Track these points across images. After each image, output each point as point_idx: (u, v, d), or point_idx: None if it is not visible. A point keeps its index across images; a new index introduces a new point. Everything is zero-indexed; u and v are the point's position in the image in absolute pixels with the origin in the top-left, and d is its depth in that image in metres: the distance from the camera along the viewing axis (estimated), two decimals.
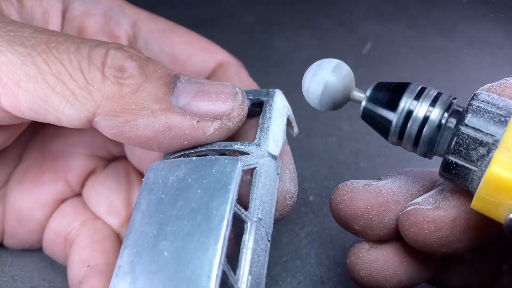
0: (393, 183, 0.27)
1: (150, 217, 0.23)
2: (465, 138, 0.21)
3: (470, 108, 0.22)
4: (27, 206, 0.31)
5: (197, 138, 0.25)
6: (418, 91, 0.23)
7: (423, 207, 0.24)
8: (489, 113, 0.21)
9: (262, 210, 0.24)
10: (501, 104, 0.22)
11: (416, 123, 0.22)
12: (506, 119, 0.21)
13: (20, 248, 0.34)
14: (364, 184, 0.27)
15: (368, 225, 0.26)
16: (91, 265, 0.28)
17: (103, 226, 0.31)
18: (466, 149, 0.21)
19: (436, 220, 0.24)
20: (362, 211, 0.26)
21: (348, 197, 0.26)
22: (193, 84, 0.26)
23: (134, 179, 0.33)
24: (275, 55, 0.57)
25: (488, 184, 0.20)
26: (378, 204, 0.26)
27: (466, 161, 0.21)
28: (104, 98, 0.23)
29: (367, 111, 0.24)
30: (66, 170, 0.32)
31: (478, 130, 0.21)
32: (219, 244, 0.21)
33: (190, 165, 0.24)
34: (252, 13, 0.64)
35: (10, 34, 0.24)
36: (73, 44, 0.24)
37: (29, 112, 0.24)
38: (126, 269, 0.22)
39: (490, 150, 0.21)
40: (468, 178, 0.21)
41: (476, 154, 0.21)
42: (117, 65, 0.24)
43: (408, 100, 0.23)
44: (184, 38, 0.32)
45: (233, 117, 0.25)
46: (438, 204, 0.24)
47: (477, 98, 0.22)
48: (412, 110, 0.22)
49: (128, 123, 0.24)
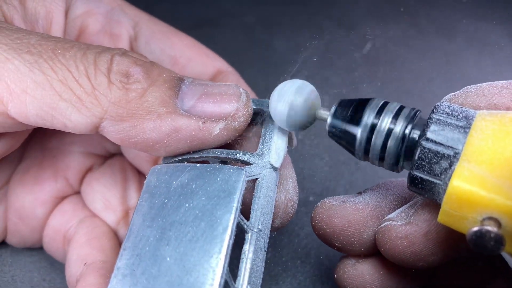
0: (371, 197, 0.27)
1: (152, 220, 0.23)
2: (427, 152, 0.21)
3: (430, 121, 0.21)
4: (28, 204, 0.31)
5: (204, 139, 0.25)
6: (380, 105, 0.23)
7: (395, 223, 0.24)
8: (449, 125, 0.21)
9: (262, 221, 0.24)
10: (461, 115, 0.21)
11: (380, 136, 0.22)
12: (465, 130, 0.21)
13: (22, 247, 0.34)
14: (342, 201, 0.27)
15: (347, 242, 0.26)
16: (88, 263, 0.28)
17: (101, 224, 0.32)
18: (429, 163, 0.21)
19: (408, 235, 0.24)
20: (340, 228, 0.26)
21: (326, 215, 0.27)
22: (197, 86, 0.26)
23: (130, 176, 0.33)
24: (275, 55, 0.57)
25: (451, 198, 0.20)
26: (355, 221, 0.26)
27: (430, 175, 0.21)
28: (110, 104, 0.24)
29: (333, 128, 0.24)
30: (65, 168, 0.32)
31: (439, 144, 0.21)
32: (223, 253, 0.21)
33: (195, 172, 0.24)
34: (252, 13, 0.64)
35: (17, 41, 0.24)
36: (79, 51, 0.24)
37: (36, 119, 0.24)
38: (126, 271, 0.22)
39: (452, 163, 0.21)
40: (434, 191, 0.21)
41: (439, 168, 0.21)
42: (123, 71, 0.24)
43: (371, 114, 0.23)
44: (185, 42, 0.33)
45: (238, 117, 0.25)
46: (409, 219, 0.24)
47: (437, 111, 0.22)
48: (375, 124, 0.22)
49: (135, 128, 0.24)
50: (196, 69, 0.32)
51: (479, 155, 0.20)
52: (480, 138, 0.20)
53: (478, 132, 0.20)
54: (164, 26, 0.33)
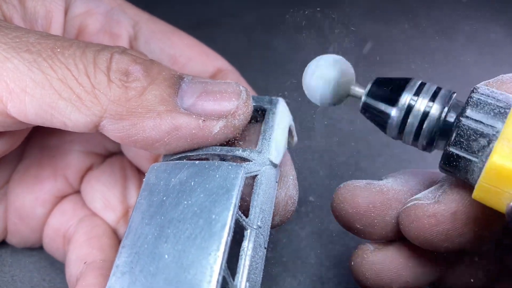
0: (394, 182, 0.27)
1: (151, 218, 0.23)
2: (466, 129, 0.21)
3: (470, 101, 0.22)
4: (28, 204, 0.31)
5: (204, 137, 0.25)
6: (418, 87, 0.23)
7: (423, 202, 0.24)
8: (489, 105, 0.21)
9: (261, 218, 0.24)
10: (500, 97, 0.22)
11: (417, 118, 0.23)
12: (506, 111, 0.21)
13: (23, 246, 0.34)
14: (366, 183, 0.27)
15: (370, 223, 0.26)
16: (88, 262, 0.28)
17: (100, 223, 0.32)
18: (467, 140, 0.21)
19: (436, 214, 0.24)
20: (364, 209, 0.26)
21: (350, 195, 0.27)
22: (197, 84, 0.26)
23: (129, 174, 0.33)
24: (275, 55, 0.57)
25: (490, 173, 0.20)
26: (380, 202, 0.26)
27: (467, 152, 0.21)
28: (110, 102, 0.24)
29: (367, 106, 0.24)
30: (65, 167, 0.32)
31: (478, 122, 0.21)
32: (221, 250, 0.21)
33: (193, 169, 0.24)
34: (252, 13, 0.64)
35: (16, 40, 0.24)
36: (79, 49, 0.24)
37: (35, 118, 0.24)
38: (125, 269, 0.22)
39: (491, 141, 0.21)
40: (469, 169, 0.22)
41: (477, 145, 0.21)
42: (122, 69, 0.24)
43: (409, 95, 0.23)
44: (185, 41, 0.33)
45: (238, 115, 0.25)
46: (438, 199, 0.24)
47: (477, 91, 0.22)
48: (412, 105, 0.23)
49: (135, 126, 0.24)
50: (196, 68, 0.32)
51: None
52: None
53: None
54: (164, 26, 0.33)
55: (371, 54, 0.57)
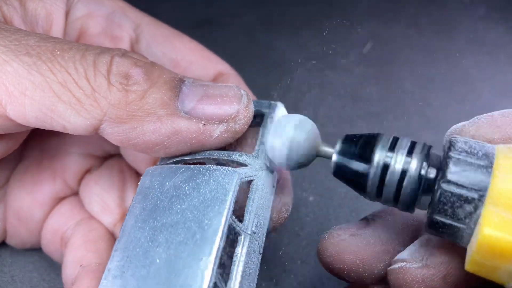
0: (382, 229, 0.26)
1: (144, 222, 0.23)
2: (448, 196, 0.20)
3: (449, 161, 0.20)
4: (27, 205, 0.31)
5: (204, 142, 0.25)
6: (391, 142, 0.22)
7: (411, 265, 0.23)
8: (470, 165, 0.20)
9: (256, 223, 0.24)
10: (480, 153, 0.20)
11: (395, 176, 0.21)
12: (488, 170, 0.20)
13: (22, 248, 0.34)
14: (351, 235, 0.26)
15: (358, 276, 0.26)
16: (83, 265, 0.28)
17: (98, 226, 0.31)
18: (451, 207, 0.20)
19: (425, 279, 0.23)
20: (351, 265, 0.25)
21: (335, 251, 0.25)
22: (198, 87, 0.25)
23: (128, 177, 0.33)
24: (275, 55, 0.57)
25: (482, 247, 0.19)
26: (367, 257, 0.25)
27: (452, 219, 0.20)
28: (110, 106, 0.23)
29: (339, 167, 0.22)
30: (64, 169, 0.32)
31: (461, 186, 0.20)
32: (212, 256, 0.21)
33: (188, 173, 0.24)
34: (252, 13, 0.64)
35: (15, 43, 0.24)
36: (78, 52, 0.24)
37: (35, 121, 0.24)
38: (116, 272, 0.22)
39: (477, 206, 0.19)
40: (457, 235, 0.20)
41: (462, 212, 0.20)
42: (123, 72, 0.24)
43: (383, 151, 0.21)
44: (187, 45, 0.32)
45: (239, 120, 0.25)
46: (426, 262, 0.23)
47: (455, 149, 0.21)
48: (388, 163, 0.21)
49: (135, 130, 0.24)
50: (197, 72, 0.32)
51: (506, 198, 0.19)
52: (505, 179, 0.19)
53: (502, 172, 0.19)
54: (166, 29, 0.33)
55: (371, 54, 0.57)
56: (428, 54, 0.58)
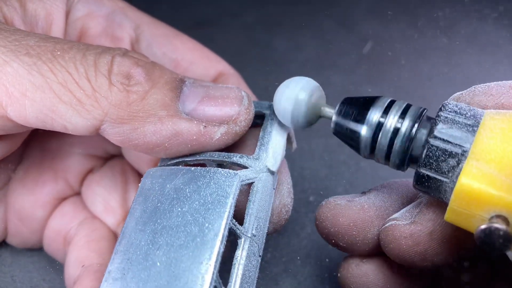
0: (376, 197, 0.27)
1: (145, 224, 0.23)
2: (434, 150, 0.21)
3: (438, 119, 0.21)
4: (28, 205, 0.31)
5: (204, 143, 0.25)
6: (387, 104, 0.23)
7: (400, 222, 0.24)
8: (457, 123, 0.21)
9: (256, 226, 0.24)
10: (468, 114, 0.21)
11: (387, 135, 0.22)
12: (474, 129, 0.21)
13: (23, 247, 0.34)
14: (347, 200, 0.27)
15: (352, 241, 0.26)
16: (86, 265, 0.28)
17: (100, 226, 0.31)
18: (436, 161, 0.21)
19: (413, 234, 0.24)
20: (345, 228, 0.26)
21: (330, 214, 0.26)
22: (199, 88, 0.26)
23: (130, 178, 0.33)
24: (275, 55, 0.57)
25: (459, 196, 0.20)
26: (360, 220, 0.26)
27: (437, 173, 0.21)
28: (111, 106, 0.23)
29: (338, 126, 0.24)
30: (65, 169, 0.32)
31: (447, 141, 0.21)
32: (213, 259, 0.21)
33: (188, 175, 0.24)
34: (252, 13, 0.64)
35: (15, 43, 0.24)
36: (79, 52, 0.24)
37: (35, 121, 0.24)
38: (117, 275, 0.22)
39: (460, 160, 0.20)
40: (441, 189, 0.21)
41: (446, 166, 0.21)
42: (124, 72, 0.24)
43: (377, 112, 0.23)
44: (187, 44, 0.32)
45: (240, 122, 0.25)
46: (414, 219, 0.24)
47: (445, 109, 0.22)
48: (382, 122, 0.22)
49: (136, 130, 0.24)
50: (198, 72, 0.32)
51: (487, 154, 0.20)
52: (488, 136, 0.20)
53: (486, 131, 0.20)
54: (166, 29, 0.33)
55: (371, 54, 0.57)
56: (429, 53, 0.58)
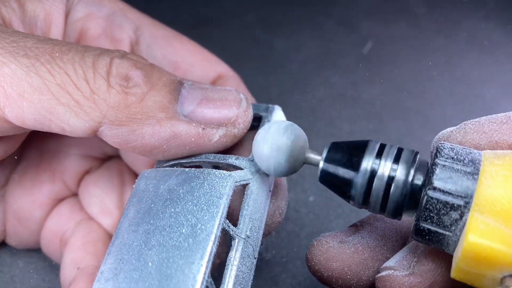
0: (369, 236, 0.26)
1: (138, 225, 0.23)
2: (434, 203, 0.20)
3: (435, 168, 0.20)
4: (26, 206, 0.31)
5: (203, 146, 0.25)
6: (378, 149, 0.22)
7: (397, 273, 0.23)
8: (456, 172, 0.20)
9: (251, 227, 0.24)
10: (466, 159, 0.20)
11: (381, 183, 0.21)
12: (474, 177, 0.20)
13: (22, 248, 0.34)
14: (339, 242, 0.25)
15: (347, 284, 0.25)
16: (81, 267, 0.28)
17: (97, 227, 0.31)
18: (437, 214, 0.20)
19: (412, 287, 0.23)
20: (339, 272, 0.25)
21: (323, 258, 0.25)
22: (197, 90, 0.25)
23: (127, 179, 0.33)
24: (275, 55, 0.57)
25: (467, 255, 0.19)
26: (355, 264, 0.25)
27: (438, 227, 0.20)
28: (109, 108, 0.23)
29: (326, 174, 0.22)
30: (63, 170, 0.32)
31: (447, 193, 0.20)
32: (205, 260, 0.21)
33: (182, 176, 0.24)
34: (252, 13, 0.64)
35: (13, 45, 0.24)
36: (77, 53, 0.24)
37: (33, 123, 0.24)
38: (109, 275, 0.22)
39: (463, 213, 0.19)
40: (443, 242, 0.20)
41: (448, 219, 0.20)
42: (122, 74, 0.24)
43: (370, 158, 0.21)
44: (187, 46, 0.32)
45: (238, 124, 0.25)
46: (413, 269, 0.23)
47: (441, 155, 0.20)
48: (375, 170, 0.21)
49: (134, 132, 0.24)
50: (197, 74, 0.32)
51: (492, 205, 0.19)
52: (491, 185, 0.19)
53: (488, 179, 0.19)
54: (166, 31, 0.32)
55: (371, 54, 0.57)
56: (428, 54, 0.58)
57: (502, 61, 0.57)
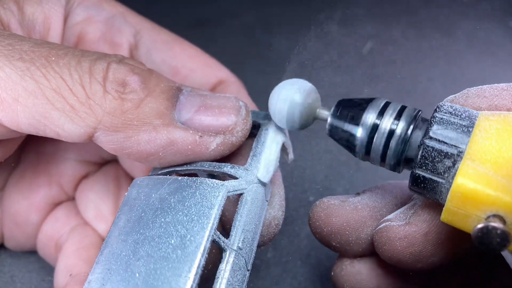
0: (369, 198, 0.26)
1: (127, 234, 0.22)
2: (430, 150, 0.21)
3: (433, 120, 0.21)
4: (23, 210, 0.31)
5: (200, 153, 0.25)
6: (382, 106, 0.23)
7: (394, 223, 0.24)
8: (452, 124, 0.21)
9: (243, 239, 0.23)
10: (463, 115, 0.21)
11: (382, 136, 0.22)
12: (469, 130, 0.21)
13: (19, 250, 0.34)
14: (341, 200, 0.26)
15: (345, 241, 0.26)
16: (73, 274, 0.28)
17: (91, 233, 0.31)
18: (432, 162, 0.21)
19: (408, 236, 0.23)
20: (338, 227, 0.26)
21: (324, 214, 0.26)
22: (196, 97, 0.25)
23: (123, 184, 0.33)
24: (275, 55, 0.57)
25: (455, 196, 0.20)
26: (354, 220, 0.26)
27: (433, 174, 0.21)
28: (105, 113, 0.23)
29: (333, 128, 0.24)
30: (60, 175, 0.32)
31: (442, 142, 0.21)
32: (192, 272, 0.20)
33: (174, 185, 0.23)
34: (252, 13, 0.63)
35: (8, 48, 0.23)
36: (74, 58, 0.24)
37: (28, 127, 0.23)
38: (96, 285, 0.21)
39: (456, 161, 0.20)
40: (437, 190, 0.21)
41: (442, 167, 0.21)
42: (119, 79, 0.24)
43: (373, 114, 0.23)
44: (187, 51, 0.32)
45: (236, 132, 0.25)
46: (409, 220, 0.24)
47: (440, 110, 0.22)
48: (377, 124, 0.22)
49: (130, 139, 0.23)
50: (198, 80, 0.31)
51: (483, 154, 0.20)
52: (484, 137, 0.20)
53: (481, 131, 0.20)
54: (166, 35, 0.32)
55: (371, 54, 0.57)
56: (428, 54, 0.58)
57: (502, 61, 0.57)
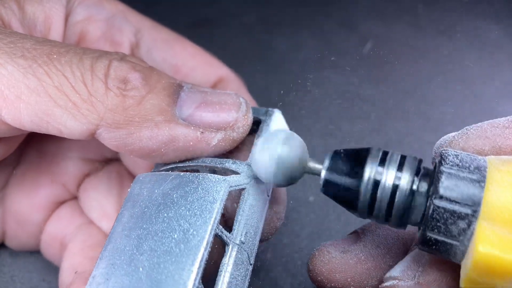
0: (372, 244, 0.25)
1: (130, 230, 0.23)
2: (441, 212, 0.19)
3: (440, 175, 0.20)
4: (25, 209, 0.31)
5: (201, 149, 0.25)
6: (381, 157, 0.21)
7: (403, 283, 0.22)
8: (462, 180, 0.19)
9: (246, 233, 0.23)
10: (472, 166, 0.20)
11: (386, 192, 0.20)
12: (481, 185, 0.19)
13: (21, 250, 0.34)
14: (341, 251, 0.25)
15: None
16: (78, 272, 0.28)
17: (96, 232, 0.31)
18: (444, 224, 0.19)
19: None
20: (342, 283, 0.25)
21: (326, 270, 0.25)
22: (196, 93, 0.25)
23: (126, 183, 0.33)
24: (275, 55, 0.57)
25: (478, 265, 0.18)
26: (358, 274, 0.25)
27: (446, 236, 0.19)
28: (107, 110, 0.23)
29: (329, 184, 0.22)
30: (62, 173, 0.32)
31: (454, 202, 0.19)
32: (195, 266, 0.20)
33: (177, 181, 0.24)
34: (252, 13, 0.63)
35: (10, 46, 0.23)
36: (76, 55, 0.24)
37: (30, 125, 0.24)
38: (100, 280, 0.22)
39: (471, 222, 0.19)
40: (450, 252, 0.20)
41: (456, 229, 0.19)
42: (121, 77, 0.24)
43: (373, 166, 0.21)
44: (188, 50, 0.32)
45: (237, 128, 0.25)
46: (418, 279, 0.22)
47: (446, 163, 0.20)
48: (378, 178, 0.21)
49: (132, 135, 0.24)
50: (198, 78, 0.32)
51: (500, 213, 0.18)
52: (498, 192, 0.19)
53: (494, 186, 0.19)
54: (167, 34, 0.32)
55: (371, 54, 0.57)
56: (428, 54, 0.58)
57: (502, 61, 0.57)
